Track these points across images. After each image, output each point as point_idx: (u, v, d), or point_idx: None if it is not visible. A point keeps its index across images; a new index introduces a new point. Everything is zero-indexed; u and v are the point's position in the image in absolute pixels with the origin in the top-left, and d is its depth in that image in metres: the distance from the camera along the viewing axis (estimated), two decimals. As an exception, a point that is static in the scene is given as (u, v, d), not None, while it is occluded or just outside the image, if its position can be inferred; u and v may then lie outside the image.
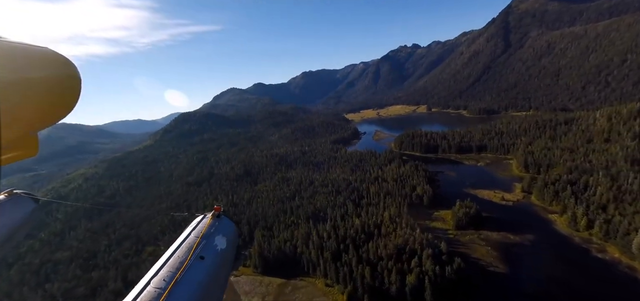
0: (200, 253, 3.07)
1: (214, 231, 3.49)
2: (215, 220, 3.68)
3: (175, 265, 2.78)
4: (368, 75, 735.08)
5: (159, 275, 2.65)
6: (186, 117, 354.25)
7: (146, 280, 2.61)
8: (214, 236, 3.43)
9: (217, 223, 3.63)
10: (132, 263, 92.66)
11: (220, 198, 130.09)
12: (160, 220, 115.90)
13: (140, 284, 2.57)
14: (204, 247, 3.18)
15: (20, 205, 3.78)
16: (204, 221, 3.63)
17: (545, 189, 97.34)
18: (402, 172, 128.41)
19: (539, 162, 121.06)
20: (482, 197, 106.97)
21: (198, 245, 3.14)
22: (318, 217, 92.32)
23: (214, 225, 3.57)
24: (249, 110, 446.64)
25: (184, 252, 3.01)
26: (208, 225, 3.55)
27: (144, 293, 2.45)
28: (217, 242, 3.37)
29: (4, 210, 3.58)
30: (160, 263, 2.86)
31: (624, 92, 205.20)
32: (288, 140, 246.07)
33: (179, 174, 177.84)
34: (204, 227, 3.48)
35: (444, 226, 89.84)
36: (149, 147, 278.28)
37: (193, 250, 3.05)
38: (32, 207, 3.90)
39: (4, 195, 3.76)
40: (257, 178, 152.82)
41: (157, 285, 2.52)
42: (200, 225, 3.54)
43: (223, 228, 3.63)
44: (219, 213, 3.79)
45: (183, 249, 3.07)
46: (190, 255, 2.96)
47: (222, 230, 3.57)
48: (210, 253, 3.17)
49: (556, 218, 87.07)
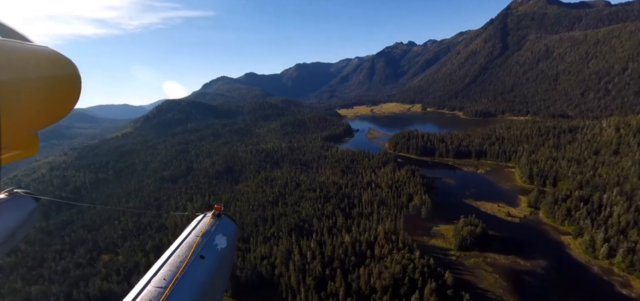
0: (201, 252, 3.06)
1: (214, 230, 3.46)
2: (216, 219, 3.65)
3: (176, 264, 2.80)
4: (363, 70, 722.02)
5: (159, 274, 2.66)
6: (170, 105, 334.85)
7: (147, 279, 2.61)
8: (214, 235, 3.40)
9: (217, 223, 3.60)
10: (82, 276, 78.78)
11: (195, 198, 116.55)
12: (124, 223, 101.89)
13: (141, 283, 2.56)
14: (205, 246, 3.16)
15: (21, 205, 3.70)
16: (204, 220, 3.61)
17: (555, 206, 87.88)
18: (397, 177, 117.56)
19: (544, 174, 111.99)
20: (485, 210, 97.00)
21: (198, 244, 3.14)
22: (302, 230, 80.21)
23: (214, 225, 3.54)
24: (238, 101, 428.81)
25: (184, 251, 3.02)
26: (208, 224, 3.53)
27: (144, 292, 2.45)
28: (217, 241, 3.34)
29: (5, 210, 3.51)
30: (160, 262, 2.87)
31: (625, 101, 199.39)
32: (276, 135, 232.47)
33: (154, 168, 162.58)
34: (204, 226, 3.47)
35: (445, 245, 79.23)
36: (127, 135, 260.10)
37: (193, 249, 3.05)
38: (32, 206, 3.79)
39: (5, 194, 3.67)
40: (238, 176, 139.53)
41: (158, 284, 2.52)
42: (200, 224, 3.52)
43: (223, 227, 3.58)
44: (219, 213, 3.75)
45: (183, 248, 3.07)
46: (190, 254, 2.96)
47: (222, 230, 3.53)
48: (211, 252, 3.15)
49: (570, 241, 77.54)
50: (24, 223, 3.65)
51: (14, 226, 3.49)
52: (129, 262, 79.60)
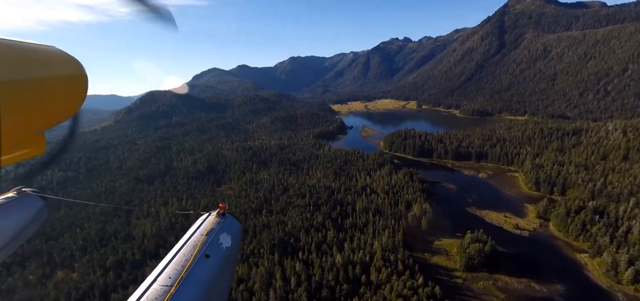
0: (206, 251, 3.08)
1: (218, 229, 3.48)
2: (220, 219, 3.67)
3: (181, 263, 2.82)
4: (358, 65, 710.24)
5: (165, 273, 2.67)
6: (155, 96, 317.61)
7: (152, 277, 2.63)
8: (219, 234, 3.42)
9: (221, 222, 3.62)
10: (28, 299, 67.06)
11: (171, 202, 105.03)
12: (87, 231, 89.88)
13: (147, 281, 2.58)
14: (209, 245, 3.18)
15: (29, 203, 3.70)
16: (209, 219, 3.64)
17: (568, 219, 79.73)
18: (394, 181, 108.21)
19: (552, 180, 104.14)
20: (490, 220, 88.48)
21: (203, 243, 3.16)
22: (287, 246, 69.88)
23: (218, 224, 3.57)
24: (228, 94, 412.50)
25: (189, 250, 3.04)
26: (213, 223, 3.56)
27: (150, 290, 2.46)
28: (222, 240, 3.36)
29: (14, 208, 3.51)
30: (166, 261, 2.90)
31: (626, 103, 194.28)
32: (266, 131, 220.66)
33: (130, 166, 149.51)
34: (208, 225, 3.50)
35: (449, 263, 70.15)
36: (106, 129, 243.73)
37: (198, 248, 3.08)
38: (40, 205, 3.78)
39: (14, 193, 3.66)
40: (222, 177, 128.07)
41: (164, 283, 2.55)
42: (205, 223, 3.55)
43: (228, 226, 3.61)
44: (223, 212, 3.77)
45: (188, 247, 3.10)
46: (195, 253, 2.99)
47: (226, 228, 3.56)
48: (215, 251, 3.18)
49: (587, 260, 69.39)
50: (31, 222, 3.59)
51: (22, 226, 3.45)
52: (84, 282, 68.19)
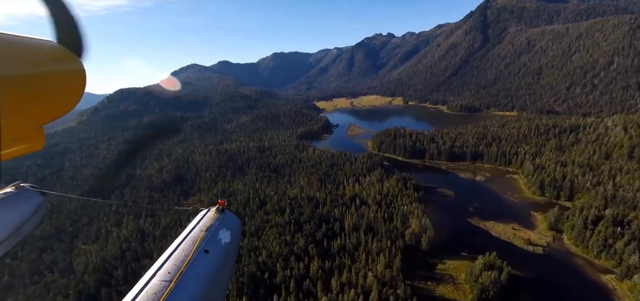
0: (205, 246, 3.08)
1: (218, 225, 3.47)
2: (219, 214, 3.65)
3: (180, 258, 2.83)
4: (342, 61, 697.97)
5: (164, 268, 2.68)
6: (125, 94, 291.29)
7: (152, 272, 2.63)
8: (218, 230, 3.41)
9: (221, 217, 3.61)
10: None
11: (127, 222, 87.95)
12: (16, 265, 71.90)
13: (146, 276, 2.58)
14: (209, 241, 3.19)
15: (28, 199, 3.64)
16: (208, 215, 3.63)
17: (586, 231, 69.93)
18: (386, 188, 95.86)
19: (557, 184, 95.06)
20: (498, 234, 77.71)
21: (202, 239, 3.17)
22: (260, 284, 55.62)
23: (218, 219, 3.56)
24: (207, 91, 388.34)
25: (189, 245, 3.05)
26: (212, 219, 3.55)
27: (149, 285, 2.47)
28: (221, 236, 3.37)
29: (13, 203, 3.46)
30: (165, 256, 2.90)
31: (614, 97, 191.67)
32: (246, 131, 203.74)
33: (85, 175, 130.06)
34: (208, 221, 3.49)
35: (457, 295, 58.13)
36: (68, 131, 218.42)
37: (197, 243, 3.09)
38: (39, 200, 3.73)
39: (12, 188, 3.60)
40: (190, 187, 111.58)
41: (163, 278, 2.55)
42: (204, 219, 3.54)
43: (227, 222, 3.60)
44: (223, 208, 3.77)
45: (188, 242, 3.10)
46: (194, 248, 2.99)
47: (226, 224, 3.55)
48: (215, 246, 3.18)
49: (615, 284, 59.39)
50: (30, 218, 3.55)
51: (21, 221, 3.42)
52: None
